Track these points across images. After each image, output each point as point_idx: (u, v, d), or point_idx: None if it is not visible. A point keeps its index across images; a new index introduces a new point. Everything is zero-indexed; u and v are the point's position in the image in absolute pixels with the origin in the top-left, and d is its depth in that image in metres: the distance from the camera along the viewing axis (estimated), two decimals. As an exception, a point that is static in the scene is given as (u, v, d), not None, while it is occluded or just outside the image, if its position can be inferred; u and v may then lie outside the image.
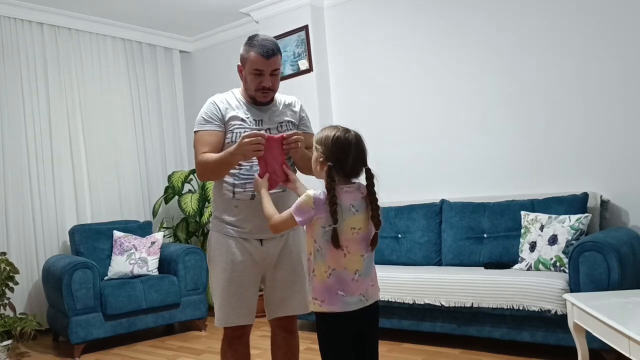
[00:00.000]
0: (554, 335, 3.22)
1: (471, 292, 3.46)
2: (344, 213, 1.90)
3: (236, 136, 2.32)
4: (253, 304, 2.38)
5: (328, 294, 1.92)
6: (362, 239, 1.95)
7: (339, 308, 1.91)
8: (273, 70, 2.33)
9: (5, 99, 4.94)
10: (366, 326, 2.00)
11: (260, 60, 2.29)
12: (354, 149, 1.95)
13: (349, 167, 1.95)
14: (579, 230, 3.41)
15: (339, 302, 1.91)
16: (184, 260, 4.76)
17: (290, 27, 5.21)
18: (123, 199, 5.70)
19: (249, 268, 2.34)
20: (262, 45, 2.29)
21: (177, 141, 6.33)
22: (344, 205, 1.91)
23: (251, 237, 2.34)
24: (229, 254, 2.33)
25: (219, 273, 2.36)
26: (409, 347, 3.79)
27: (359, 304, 1.94)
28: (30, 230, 4.99)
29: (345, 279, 1.92)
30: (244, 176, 2.32)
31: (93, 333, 4.24)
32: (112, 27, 5.68)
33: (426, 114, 4.69)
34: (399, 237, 4.39)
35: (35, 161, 5.07)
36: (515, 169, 4.23)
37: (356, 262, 1.94)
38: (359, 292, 1.94)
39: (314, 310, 1.97)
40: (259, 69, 2.30)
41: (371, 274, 2.01)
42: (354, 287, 1.93)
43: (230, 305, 2.32)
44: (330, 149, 1.95)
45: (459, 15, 4.47)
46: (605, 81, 3.83)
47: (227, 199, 2.35)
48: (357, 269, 1.94)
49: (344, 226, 1.90)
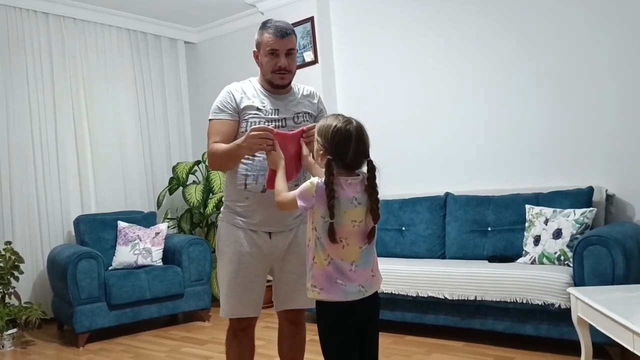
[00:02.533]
0: (557, 329, 3.23)
1: (475, 285, 3.46)
2: (345, 206, 1.88)
3: (250, 125, 2.28)
4: (259, 296, 2.37)
5: (328, 282, 1.90)
6: (362, 232, 1.92)
7: (337, 297, 1.90)
8: (288, 49, 2.31)
9: (11, 89, 4.95)
10: (366, 319, 1.99)
11: (274, 40, 2.28)
12: (355, 141, 1.90)
13: (349, 160, 1.90)
14: (583, 224, 3.40)
15: (338, 290, 1.90)
16: (188, 251, 4.77)
17: (296, 18, 5.19)
18: (127, 190, 5.71)
19: (257, 260, 2.33)
20: (276, 27, 2.29)
21: (181, 132, 6.33)
22: (346, 197, 1.88)
23: (260, 229, 2.33)
24: (237, 245, 2.32)
25: (226, 264, 2.35)
26: (413, 340, 3.79)
27: (358, 294, 1.92)
28: (35, 219, 5.01)
29: (343, 269, 1.90)
30: (257, 167, 2.29)
31: (97, 322, 4.26)
32: (117, 17, 5.67)
33: (431, 106, 4.67)
34: (402, 229, 4.38)
35: (41, 151, 5.09)
36: (520, 163, 4.21)
37: (354, 253, 1.92)
38: (358, 282, 1.92)
39: (312, 297, 1.95)
40: (274, 49, 2.28)
41: (371, 264, 1.98)
42: (352, 277, 1.91)
43: (236, 296, 2.31)
44: (330, 142, 1.90)
45: (466, 8, 4.45)
46: (612, 75, 3.81)
47: (239, 190, 2.33)
48: (354, 260, 1.92)
49: (344, 219, 1.88)
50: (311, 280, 1.94)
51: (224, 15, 5.95)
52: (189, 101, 6.45)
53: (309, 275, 1.96)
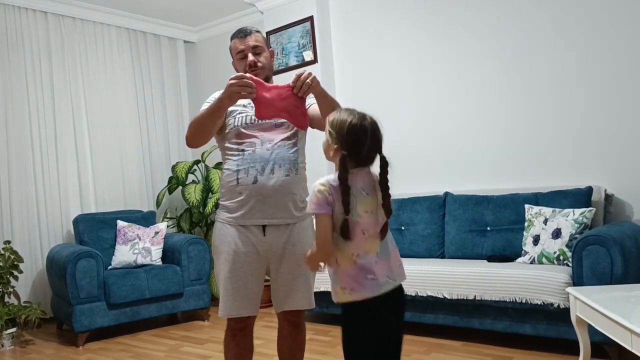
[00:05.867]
0: (556, 328, 3.23)
1: (474, 285, 3.46)
2: (357, 197, 1.85)
3: (238, 121, 2.36)
4: (256, 295, 2.36)
5: (358, 279, 1.84)
6: (375, 221, 1.89)
7: (370, 292, 1.83)
8: (253, 47, 2.42)
9: (10, 88, 4.95)
10: (393, 322, 1.93)
11: (238, 42, 2.45)
12: (370, 137, 1.87)
13: (363, 156, 1.88)
14: (582, 224, 3.41)
15: (370, 285, 1.84)
16: (187, 250, 4.77)
17: (295, 17, 5.19)
18: (127, 189, 5.71)
19: (252, 259, 2.32)
20: (238, 30, 2.48)
21: (181, 131, 6.32)
22: (355, 188, 1.85)
23: (253, 222, 2.31)
24: (232, 244, 2.32)
25: (222, 263, 2.35)
26: (411, 339, 3.79)
27: (388, 285, 1.86)
28: (34, 219, 5.01)
29: (370, 262, 1.86)
30: (247, 161, 2.30)
31: (97, 322, 4.27)
32: (116, 16, 5.67)
33: (431, 106, 4.67)
34: (402, 229, 4.39)
35: (40, 150, 5.09)
36: (520, 162, 4.21)
37: (375, 244, 1.88)
38: (384, 274, 1.87)
39: (341, 301, 1.87)
40: (240, 50, 2.44)
41: (391, 255, 1.93)
42: (378, 269, 1.86)
43: (232, 296, 2.31)
44: (345, 137, 1.86)
45: (466, 6, 4.45)
46: (611, 75, 3.81)
47: (232, 186, 2.33)
48: (377, 250, 1.88)
49: (359, 209, 1.85)
50: (339, 283, 1.87)
51: (223, 14, 5.95)
52: (188, 100, 6.45)
53: (335, 279, 1.90)
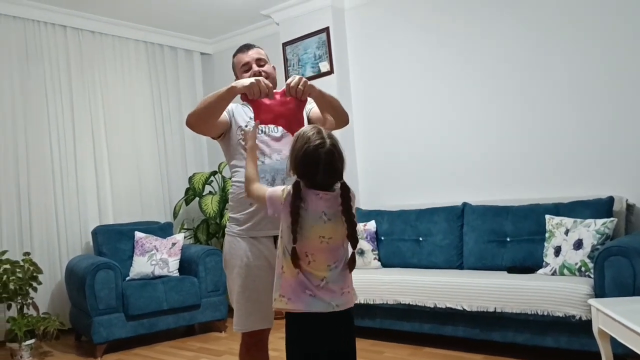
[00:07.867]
0: (578, 340, 3.17)
1: (494, 297, 3.41)
2: (313, 220, 1.81)
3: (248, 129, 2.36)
4: (270, 308, 2.33)
5: (296, 291, 1.84)
6: (333, 250, 1.85)
7: (305, 307, 1.82)
8: (257, 59, 2.45)
9: (30, 101, 5.00)
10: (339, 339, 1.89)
11: (242, 55, 2.47)
12: (323, 164, 1.80)
13: (319, 182, 1.82)
14: (604, 234, 3.35)
15: (306, 301, 1.82)
16: (204, 261, 4.78)
17: (311, 28, 5.20)
18: (144, 200, 5.74)
19: (265, 273, 2.29)
20: (240, 47, 2.52)
21: (197, 143, 6.35)
22: (314, 212, 1.81)
23: (264, 233, 2.30)
24: (244, 257, 2.30)
25: (234, 278, 2.34)
26: (431, 352, 3.75)
27: (327, 307, 1.83)
28: (53, 230, 5.05)
29: (312, 282, 1.83)
30: None
31: (115, 333, 4.28)
32: (134, 30, 5.73)
33: (448, 116, 4.65)
34: (420, 240, 4.35)
35: (59, 162, 5.14)
36: (539, 172, 4.17)
37: (322, 270, 1.84)
38: (328, 297, 1.84)
39: (279, 307, 1.88)
40: (245, 62, 2.45)
41: (344, 282, 1.88)
42: (321, 292, 1.83)
43: (246, 311, 2.30)
44: (298, 164, 1.83)
45: (481, 18, 4.43)
46: (632, 83, 3.76)
47: (242, 199, 2.31)
48: (325, 276, 1.84)
49: (311, 233, 1.81)
50: (279, 290, 1.88)
51: (239, 26, 5.98)
52: (205, 112, 6.46)
53: (277, 285, 1.90)
